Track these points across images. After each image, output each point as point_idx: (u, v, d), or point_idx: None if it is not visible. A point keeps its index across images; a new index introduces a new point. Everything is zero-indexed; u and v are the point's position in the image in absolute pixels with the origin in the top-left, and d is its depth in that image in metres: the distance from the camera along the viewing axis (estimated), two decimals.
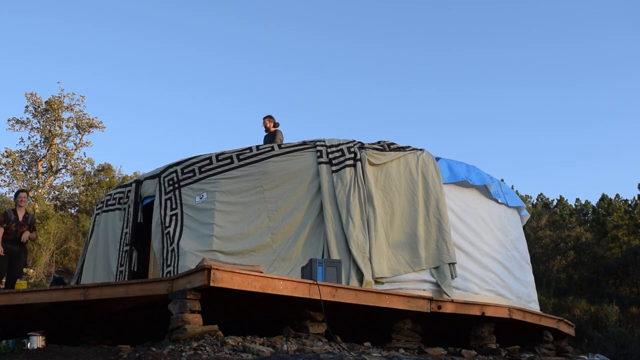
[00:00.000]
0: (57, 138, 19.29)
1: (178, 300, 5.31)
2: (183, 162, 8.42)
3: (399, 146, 8.66)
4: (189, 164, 8.33)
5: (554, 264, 22.04)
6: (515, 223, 9.92)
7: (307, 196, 7.88)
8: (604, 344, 15.13)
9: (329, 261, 6.55)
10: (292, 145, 8.39)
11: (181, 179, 8.27)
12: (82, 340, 6.64)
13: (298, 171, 8.01)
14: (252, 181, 7.97)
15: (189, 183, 8.21)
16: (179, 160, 8.53)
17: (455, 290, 7.79)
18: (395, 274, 7.57)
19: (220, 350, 4.77)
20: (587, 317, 18.00)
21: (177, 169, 8.37)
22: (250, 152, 8.17)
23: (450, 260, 7.86)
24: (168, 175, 8.42)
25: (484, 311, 7.32)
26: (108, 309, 6.51)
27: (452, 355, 6.41)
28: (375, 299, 6.37)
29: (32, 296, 6.29)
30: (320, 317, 5.86)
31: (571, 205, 28.62)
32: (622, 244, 23.87)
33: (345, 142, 8.41)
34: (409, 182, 8.22)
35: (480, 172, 9.12)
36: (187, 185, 8.21)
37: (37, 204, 17.98)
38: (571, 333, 9.33)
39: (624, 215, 24.88)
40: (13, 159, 18.62)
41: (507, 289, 8.89)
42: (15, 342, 6.48)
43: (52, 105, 19.01)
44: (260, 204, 7.85)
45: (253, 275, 5.50)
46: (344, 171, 7.97)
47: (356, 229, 7.56)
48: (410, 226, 8.00)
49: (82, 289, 6.13)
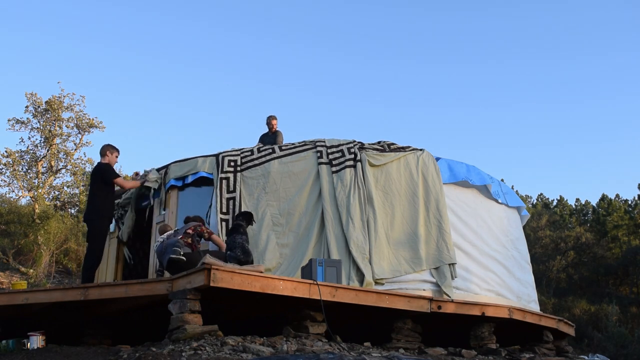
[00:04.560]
0: (57, 138, 19.25)
1: (178, 300, 5.31)
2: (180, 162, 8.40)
3: (399, 146, 8.65)
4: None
5: (554, 264, 22.04)
6: (515, 223, 9.91)
7: (308, 197, 7.88)
8: (604, 344, 15.14)
9: (329, 261, 6.55)
10: (292, 146, 8.38)
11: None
12: (82, 340, 6.63)
13: (299, 172, 8.02)
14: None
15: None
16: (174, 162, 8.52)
17: (456, 290, 7.78)
18: (396, 275, 7.56)
19: (220, 350, 4.77)
20: (587, 317, 18.01)
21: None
22: (252, 155, 8.17)
23: (450, 261, 7.86)
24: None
25: (484, 311, 7.32)
26: (108, 309, 6.51)
27: (452, 355, 6.40)
28: (375, 299, 6.37)
29: (32, 296, 6.28)
30: (320, 317, 5.86)
31: (571, 205, 28.62)
32: (622, 244, 23.86)
33: (346, 142, 8.41)
34: (409, 182, 8.22)
35: (480, 172, 9.11)
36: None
37: (37, 204, 17.96)
38: (571, 333, 9.33)
39: (624, 215, 24.87)
40: (13, 159, 18.59)
41: (507, 289, 8.88)
42: (15, 342, 6.48)
43: (52, 105, 18.98)
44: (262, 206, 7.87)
45: (253, 276, 5.50)
46: (344, 172, 7.96)
47: (356, 230, 7.55)
48: (411, 226, 7.99)
49: (82, 289, 6.12)
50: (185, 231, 6.73)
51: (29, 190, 18.93)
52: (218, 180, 7.83)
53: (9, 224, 17.96)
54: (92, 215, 7.33)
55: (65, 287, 6.56)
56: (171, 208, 8.16)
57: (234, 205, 7.73)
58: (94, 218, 7.30)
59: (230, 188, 7.82)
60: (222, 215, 7.67)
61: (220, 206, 7.68)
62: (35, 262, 16.47)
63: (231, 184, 7.84)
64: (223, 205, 7.71)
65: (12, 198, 19.62)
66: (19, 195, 19.30)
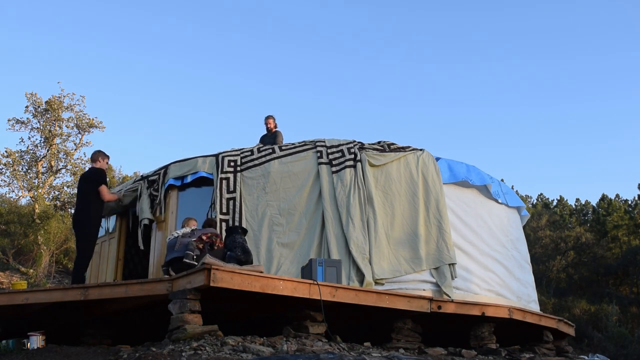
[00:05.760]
0: (57, 138, 19.26)
1: (178, 300, 5.31)
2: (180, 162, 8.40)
3: (399, 146, 8.65)
4: None
5: (554, 264, 22.04)
6: (515, 223, 9.92)
7: (308, 197, 7.88)
8: (604, 344, 15.14)
9: (329, 261, 6.55)
10: (292, 146, 8.38)
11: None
12: (82, 340, 6.63)
13: (299, 172, 8.01)
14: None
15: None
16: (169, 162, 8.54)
17: (456, 290, 7.78)
18: (396, 275, 7.56)
19: (220, 350, 4.77)
20: (587, 317, 18.00)
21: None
22: (252, 155, 8.17)
23: (450, 261, 7.86)
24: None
25: (484, 311, 7.32)
26: (108, 309, 6.51)
27: (452, 355, 6.41)
28: (375, 299, 6.37)
29: (32, 296, 6.28)
30: (320, 317, 5.86)
31: (571, 205, 28.60)
32: (622, 244, 23.86)
33: (346, 142, 8.40)
34: (409, 182, 8.22)
35: (480, 172, 9.11)
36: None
37: (37, 204, 17.95)
38: (571, 333, 9.33)
39: (624, 215, 24.86)
40: (13, 159, 18.59)
41: (507, 289, 8.88)
42: (15, 342, 6.48)
43: (52, 105, 18.99)
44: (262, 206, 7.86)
45: (253, 276, 5.50)
46: (344, 172, 7.96)
47: (356, 230, 7.55)
48: (411, 226, 7.99)
49: (82, 289, 6.12)
50: (200, 236, 6.70)
51: (29, 190, 18.93)
52: (218, 181, 7.83)
53: (9, 224, 17.96)
54: (84, 220, 7.36)
55: (65, 287, 6.55)
56: (171, 208, 8.15)
57: (234, 206, 7.72)
58: (86, 223, 7.35)
59: (230, 188, 7.81)
60: (222, 215, 7.66)
61: (221, 206, 7.68)
62: (35, 262, 16.47)
63: (231, 184, 7.84)
64: (223, 206, 7.70)
65: (12, 198, 19.63)
66: (19, 195, 19.32)
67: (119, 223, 9.37)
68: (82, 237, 7.39)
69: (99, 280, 9.24)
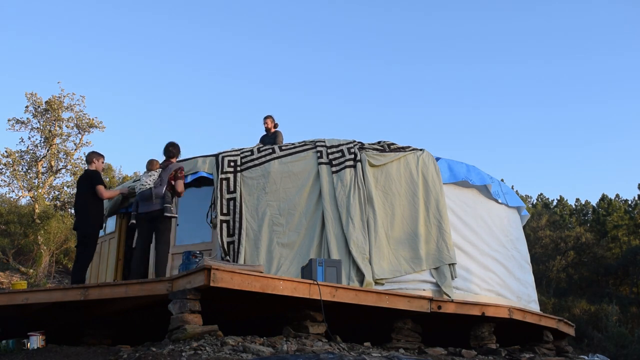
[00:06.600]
0: (57, 138, 19.27)
1: (178, 300, 5.31)
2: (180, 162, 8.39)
3: (399, 146, 8.65)
4: None
5: (554, 264, 22.04)
6: (515, 223, 9.92)
7: (308, 197, 7.88)
8: (604, 344, 15.14)
9: (329, 261, 6.55)
10: (292, 146, 8.38)
11: None
12: (82, 340, 6.62)
13: (299, 172, 8.01)
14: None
15: None
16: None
17: (456, 290, 7.78)
18: (396, 275, 7.56)
19: (220, 350, 4.77)
20: (587, 317, 18.00)
21: None
22: (252, 155, 8.17)
23: (450, 261, 7.86)
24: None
25: (484, 311, 7.32)
26: (108, 309, 6.51)
27: (452, 355, 6.40)
28: (375, 299, 6.37)
29: (32, 296, 6.28)
30: (320, 317, 5.86)
31: (571, 205, 28.60)
32: (622, 244, 23.86)
33: (346, 142, 8.40)
34: (409, 182, 8.21)
35: (480, 172, 9.11)
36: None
37: (37, 204, 17.96)
38: (571, 333, 9.33)
39: (624, 215, 24.86)
40: (13, 159, 18.60)
41: (507, 289, 8.88)
42: (15, 342, 6.47)
43: (52, 105, 19.00)
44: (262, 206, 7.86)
45: (253, 276, 5.50)
46: (344, 172, 7.96)
47: (356, 230, 7.55)
48: (411, 226, 7.99)
49: (82, 289, 6.12)
50: (169, 181, 7.27)
51: (29, 190, 18.93)
52: (218, 181, 7.83)
53: (9, 224, 17.97)
54: (84, 223, 7.39)
55: (65, 287, 6.55)
56: None
57: (234, 206, 7.72)
58: (87, 225, 7.38)
59: (230, 188, 7.81)
60: (223, 216, 7.66)
61: (221, 206, 7.68)
62: (35, 262, 16.48)
63: (231, 184, 7.83)
64: (223, 206, 7.70)
65: (12, 198, 19.65)
66: (19, 195, 19.34)
67: (119, 223, 9.37)
68: (82, 238, 7.42)
69: (99, 280, 9.23)
